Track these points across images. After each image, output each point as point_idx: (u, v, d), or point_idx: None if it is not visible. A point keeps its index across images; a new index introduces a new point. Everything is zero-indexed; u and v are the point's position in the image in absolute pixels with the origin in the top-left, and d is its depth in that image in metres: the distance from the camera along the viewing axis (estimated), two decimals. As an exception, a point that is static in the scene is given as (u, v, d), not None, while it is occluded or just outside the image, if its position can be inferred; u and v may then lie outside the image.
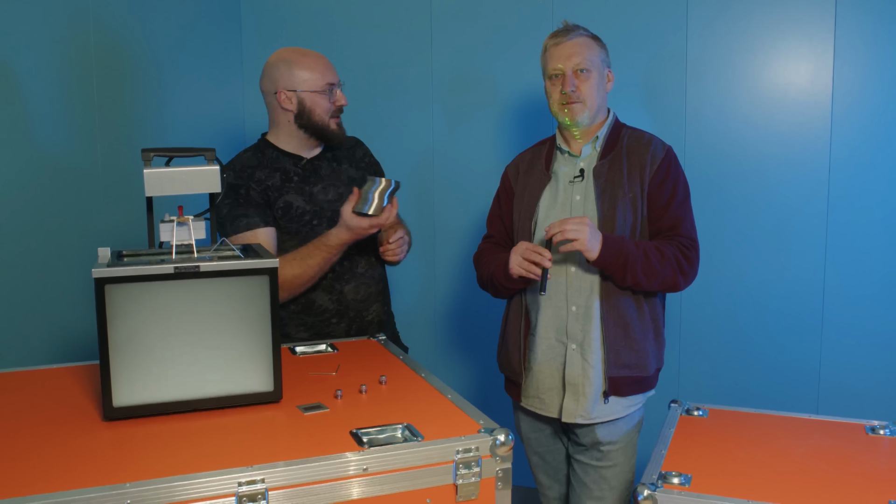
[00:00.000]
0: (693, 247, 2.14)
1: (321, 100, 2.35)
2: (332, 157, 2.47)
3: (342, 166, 2.46)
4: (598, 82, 2.19)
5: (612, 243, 2.05)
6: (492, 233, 2.39)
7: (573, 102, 2.18)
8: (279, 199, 2.34)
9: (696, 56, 3.08)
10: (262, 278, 1.69)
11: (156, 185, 1.73)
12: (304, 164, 2.40)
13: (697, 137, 3.10)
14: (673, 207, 2.15)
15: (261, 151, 2.41)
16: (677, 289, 2.16)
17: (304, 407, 1.71)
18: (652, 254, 2.08)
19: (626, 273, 2.06)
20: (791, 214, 3.03)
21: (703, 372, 3.18)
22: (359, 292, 2.39)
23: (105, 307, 1.58)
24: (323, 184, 2.40)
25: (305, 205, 2.36)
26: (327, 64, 2.39)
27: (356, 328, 2.41)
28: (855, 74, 2.93)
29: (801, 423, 1.90)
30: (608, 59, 2.24)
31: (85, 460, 1.44)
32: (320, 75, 2.35)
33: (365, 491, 1.45)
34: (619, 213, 2.12)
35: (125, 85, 2.84)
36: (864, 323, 2.99)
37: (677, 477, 1.53)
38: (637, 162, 2.16)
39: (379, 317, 2.45)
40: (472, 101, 3.36)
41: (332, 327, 2.39)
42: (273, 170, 2.37)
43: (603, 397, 2.15)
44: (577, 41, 2.19)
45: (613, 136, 2.22)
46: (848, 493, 1.49)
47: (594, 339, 2.14)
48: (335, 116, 2.38)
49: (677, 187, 2.16)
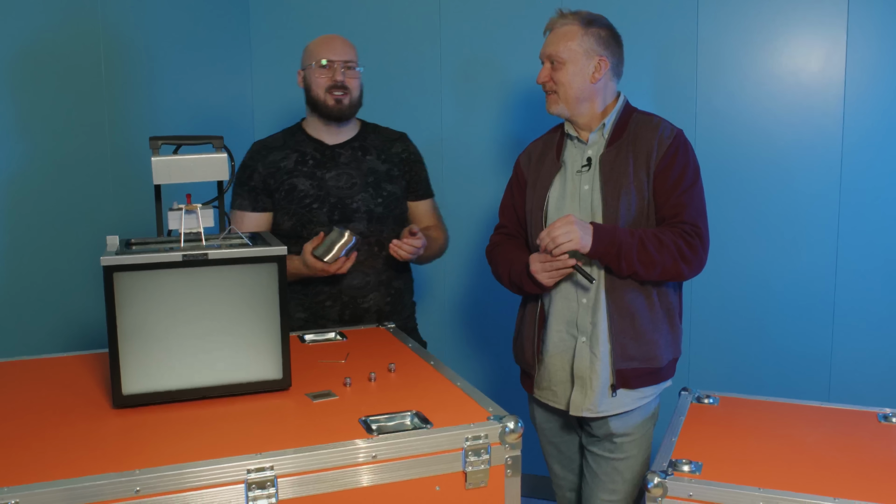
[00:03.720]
0: (697, 234, 2.06)
1: (317, 75, 2.41)
2: (360, 146, 2.50)
3: (367, 157, 2.49)
4: (574, 72, 2.12)
5: (604, 233, 2.01)
6: (504, 223, 2.37)
7: (548, 93, 2.18)
8: (286, 181, 2.41)
9: (708, 42, 3.05)
10: (271, 266, 1.68)
11: (164, 173, 1.73)
12: (324, 149, 2.46)
13: (709, 124, 3.08)
14: (678, 193, 2.08)
15: (291, 134, 2.51)
16: (681, 278, 2.10)
17: (313, 395, 1.71)
18: (649, 242, 2.02)
19: (621, 262, 2.01)
20: (803, 201, 3.01)
21: (714, 360, 3.17)
22: (355, 278, 2.40)
23: (114, 295, 1.59)
24: (338, 170, 2.44)
25: (310, 189, 2.41)
26: (333, 42, 2.44)
27: (350, 314, 2.42)
28: (867, 60, 2.90)
29: (812, 410, 1.89)
30: (603, 43, 2.13)
31: (95, 448, 1.45)
32: (320, 51, 2.42)
33: (374, 478, 1.45)
34: (623, 201, 2.08)
35: (134, 74, 2.84)
36: (876, 310, 2.97)
37: (688, 465, 1.52)
38: (644, 147, 2.11)
39: (378, 306, 2.45)
40: (481, 89, 3.35)
41: (326, 310, 2.42)
42: (293, 151, 2.46)
43: (611, 390, 2.12)
44: (558, 31, 2.15)
45: (622, 121, 2.17)
46: (860, 481, 1.48)
47: (601, 332, 2.11)
48: (332, 92, 2.40)
49: (685, 173, 2.09)
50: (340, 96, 2.40)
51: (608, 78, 2.17)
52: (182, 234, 1.74)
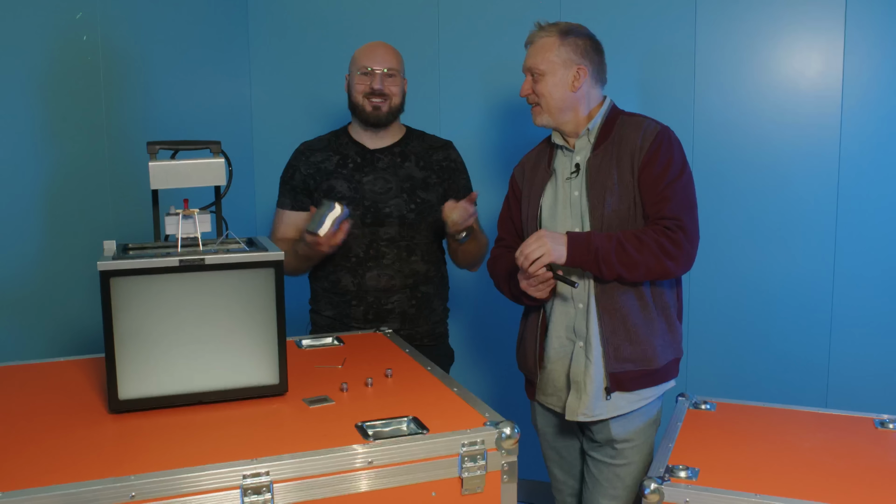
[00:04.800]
0: (680, 227, 2.02)
1: (358, 81, 2.49)
2: (401, 152, 2.56)
3: (406, 163, 2.53)
4: (554, 83, 2.14)
5: (579, 241, 2.02)
6: (503, 235, 2.38)
7: (532, 106, 2.21)
8: (324, 182, 2.49)
9: (705, 48, 3.05)
10: (268, 271, 1.68)
11: (161, 177, 1.73)
12: (365, 153, 2.53)
13: (706, 130, 3.08)
14: (661, 188, 2.06)
15: (336, 136, 2.60)
16: (670, 275, 2.07)
17: (309, 400, 1.71)
18: (628, 243, 2.01)
19: (601, 266, 2.01)
20: (801, 207, 3.01)
21: (711, 365, 3.17)
22: (380, 280, 2.46)
23: (111, 300, 1.58)
24: (375, 175, 2.50)
25: (347, 191, 2.47)
26: (375, 50, 2.52)
27: (374, 314, 2.48)
28: (865, 66, 2.90)
29: (809, 416, 1.89)
30: (581, 52, 2.15)
31: (90, 453, 1.44)
32: (362, 58, 2.50)
33: (370, 484, 1.45)
34: (608, 204, 2.08)
35: (132, 79, 2.84)
36: (873, 316, 2.97)
37: (684, 471, 1.52)
38: (628, 147, 2.11)
39: (402, 308, 2.49)
40: (479, 97, 3.35)
41: (351, 309, 2.49)
42: (335, 153, 2.54)
43: (605, 393, 2.12)
44: (537, 44, 2.18)
45: (608, 125, 2.17)
46: (856, 487, 1.48)
47: (594, 335, 2.11)
48: (370, 98, 2.47)
49: (668, 167, 2.07)
50: (379, 103, 2.47)
51: (590, 85, 2.18)
52: (179, 238, 1.73)
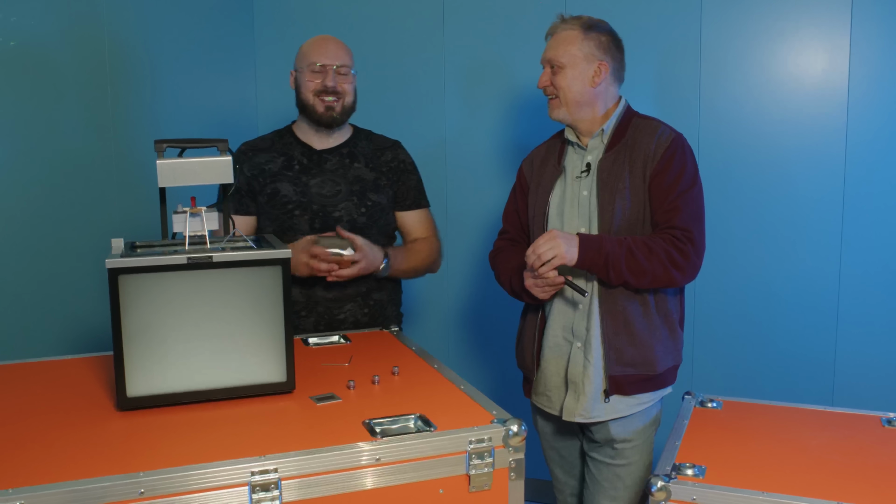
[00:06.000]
0: (689, 239, 2.02)
1: (308, 78, 2.36)
2: (349, 152, 2.44)
3: (355, 164, 2.43)
4: (574, 76, 2.13)
5: (590, 244, 2.00)
6: (507, 228, 2.37)
7: (550, 98, 2.19)
8: (269, 185, 2.37)
9: (711, 46, 3.05)
10: (275, 268, 1.69)
11: (168, 175, 1.73)
12: (311, 154, 2.41)
13: (712, 128, 3.08)
14: (672, 197, 2.05)
15: (280, 136, 2.46)
16: (674, 284, 2.07)
17: (316, 397, 1.71)
18: (638, 250, 2.00)
19: (609, 271, 2.00)
20: (806, 206, 3.01)
21: (718, 364, 3.17)
22: (329, 291, 2.36)
23: (119, 298, 1.59)
24: (323, 177, 2.39)
25: (293, 194, 2.36)
26: (326, 44, 2.38)
27: (325, 325, 2.38)
28: (871, 64, 2.90)
29: (816, 414, 1.88)
30: (604, 48, 2.14)
31: (99, 450, 1.45)
32: (313, 54, 2.37)
33: (377, 481, 1.45)
34: (618, 207, 2.07)
35: (138, 77, 2.85)
36: (879, 314, 2.97)
37: (691, 468, 1.52)
38: (641, 152, 2.10)
39: (355, 317, 2.40)
40: (485, 92, 3.35)
41: (301, 320, 2.37)
42: (279, 154, 2.41)
43: (604, 396, 2.12)
44: (559, 36, 2.16)
45: (622, 126, 2.16)
46: (863, 485, 1.48)
47: (594, 337, 2.11)
48: (322, 97, 2.35)
49: (681, 177, 2.07)
50: (332, 102, 2.35)
51: (609, 82, 2.17)
52: (187, 236, 1.74)
